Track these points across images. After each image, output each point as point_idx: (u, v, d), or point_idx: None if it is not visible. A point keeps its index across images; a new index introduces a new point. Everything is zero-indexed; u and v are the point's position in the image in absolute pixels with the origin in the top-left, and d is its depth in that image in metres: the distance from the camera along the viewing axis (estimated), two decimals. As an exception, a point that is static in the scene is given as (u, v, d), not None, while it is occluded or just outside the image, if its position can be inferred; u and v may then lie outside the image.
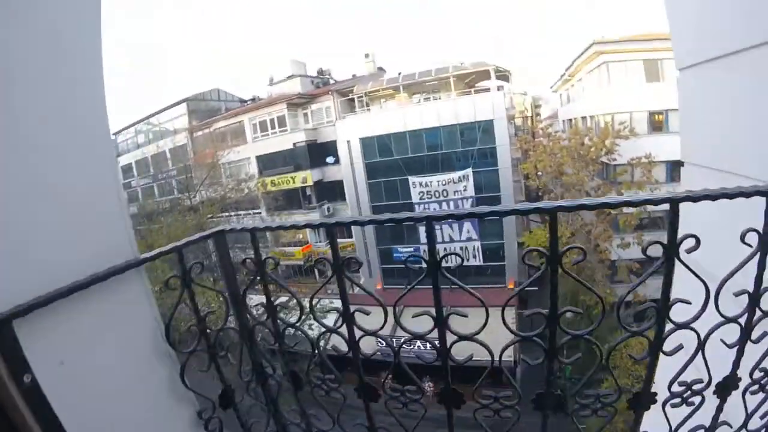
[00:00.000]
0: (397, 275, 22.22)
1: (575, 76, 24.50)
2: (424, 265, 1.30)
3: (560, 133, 20.95)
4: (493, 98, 20.07)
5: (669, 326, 1.05)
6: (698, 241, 0.95)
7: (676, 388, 1.12)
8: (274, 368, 1.69)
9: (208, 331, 1.51)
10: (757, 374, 1.07)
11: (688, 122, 1.72)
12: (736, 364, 1.07)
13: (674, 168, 18.64)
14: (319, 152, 23.24)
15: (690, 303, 1.00)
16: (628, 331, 1.09)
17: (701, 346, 1.05)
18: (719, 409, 1.12)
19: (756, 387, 1.09)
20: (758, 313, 1.00)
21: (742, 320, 1.01)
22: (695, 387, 1.10)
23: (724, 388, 1.09)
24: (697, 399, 1.11)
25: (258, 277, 1.52)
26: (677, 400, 1.12)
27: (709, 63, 1.37)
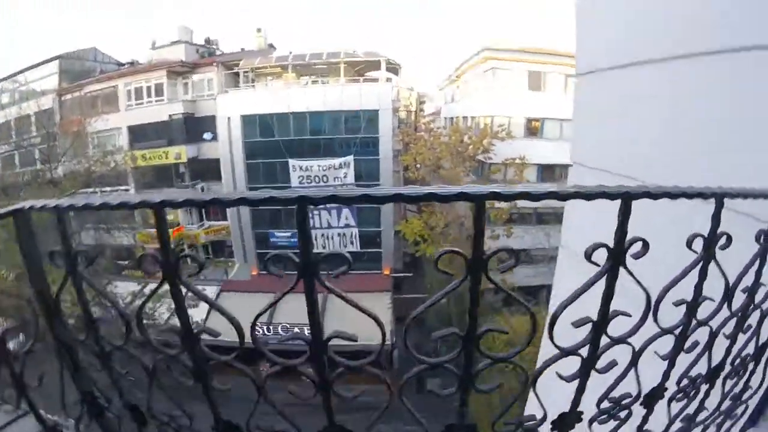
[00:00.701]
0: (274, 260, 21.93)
1: (462, 78, 25.42)
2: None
3: (441, 130, 21.72)
4: (381, 89, 20.41)
5: (604, 341, 0.96)
6: (646, 245, 0.85)
7: (605, 404, 1.05)
8: (109, 399, 1.20)
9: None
10: (684, 382, 1.08)
11: (580, 125, 1.85)
12: (666, 374, 1.05)
13: (545, 170, 20.33)
14: (197, 127, 22.03)
15: (630, 316, 0.91)
16: (561, 349, 0.92)
17: (635, 360, 0.99)
18: (645, 419, 1.10)
19: (681, 395, 1.10)
20: (693, 323, 0.98)
21: (678, 331, 0.98)
22: (624, 402, 1.05)
23: (651, 399, 1.07)
24: (624, 413, 1.07)
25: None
26: (604, 416, 1.07)
27: (604, 72, 1.50)
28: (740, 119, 1.33)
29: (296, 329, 17.71)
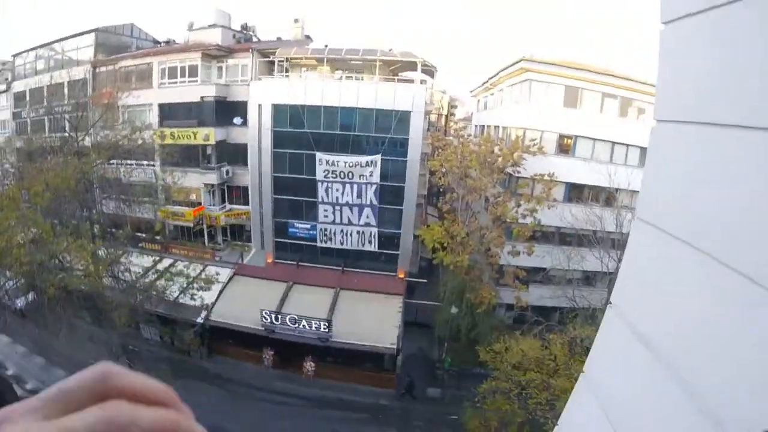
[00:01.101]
0: (290, 250, 22.13)
1: (497, 86, 25.41)
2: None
3: (471, 137, 21.60)
4: (415, 91, 20.25)
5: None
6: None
7: None
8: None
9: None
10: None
11: (650, 177, 1.65)
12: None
13: (573, 189, 20.16)
14: (228, 111, 22.32)
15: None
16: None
17: None
18: None
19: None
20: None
21: None
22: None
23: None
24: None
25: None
26: None
27: (683, 125, 1.40)
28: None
29: (304, 321, 17.84)
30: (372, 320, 18.72)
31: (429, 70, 23.37)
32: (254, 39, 27.74)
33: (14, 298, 21.83)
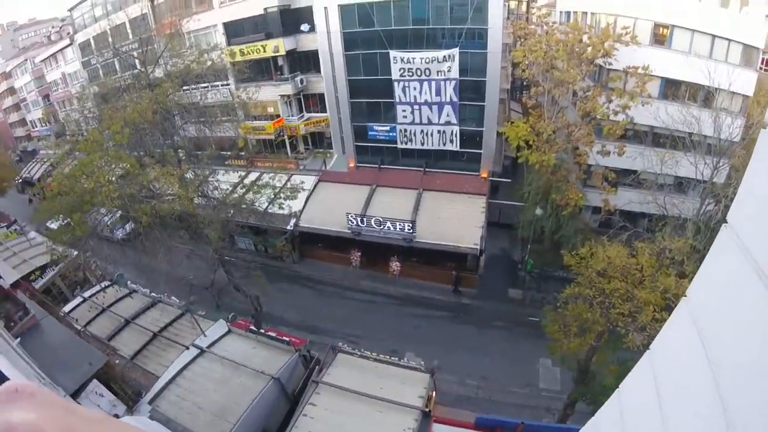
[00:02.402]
0: (371, 153, 22.65)
1: None
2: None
3: (557, 25, 20.08)
4: None
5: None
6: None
7: None
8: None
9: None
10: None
11: (749, 184, 1.52)
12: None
13: (668, 86, 18.65)
14: (293, 19, 22.51)
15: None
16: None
17: None
18: None
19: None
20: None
21: None
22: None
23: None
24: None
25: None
26: None
27: None
28: None
29: (388, 223, 18.42)
30: (455, 221, 19.18)
31: None
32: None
33: (114, 230, 24.31)
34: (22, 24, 69.88)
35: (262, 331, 13.32)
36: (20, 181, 44.84)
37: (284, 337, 12.66)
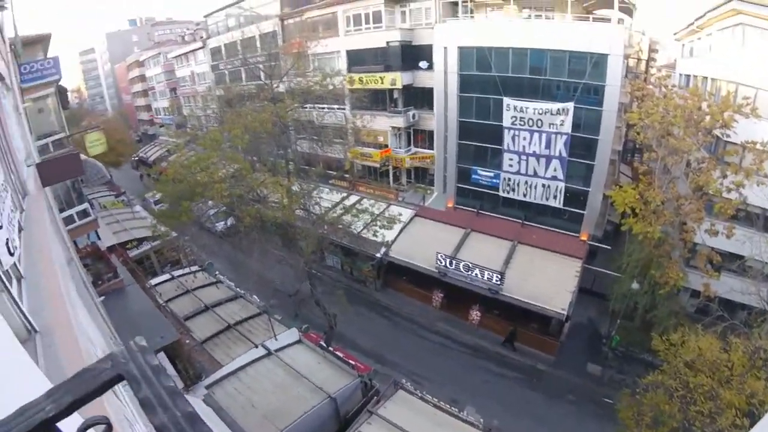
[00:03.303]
0: (471, 196, 23.24)
1: (704, 30, 22.26)
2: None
3: (676, 89, 19.41)
4: (613, 31, 19.14)
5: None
6: None
7: None
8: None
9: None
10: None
11: None
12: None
13: None
14: (413, 55, 24.11)
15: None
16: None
17: None
18: None
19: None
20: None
21: None
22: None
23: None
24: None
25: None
26: None
27: None
28: None
29: (477, 270, 18.75)
30: (546, 280, 19.01)
31: (627, 8, 21.86)
32: (435, -20, 28.42)
33: (215, 223, 27.07)
34: (159, 21, 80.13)
35: (331, 348, 14.02)
36: (136, 159, 50.99)
37: (350, 360, 13.24)
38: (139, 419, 3.35)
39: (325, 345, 14.19)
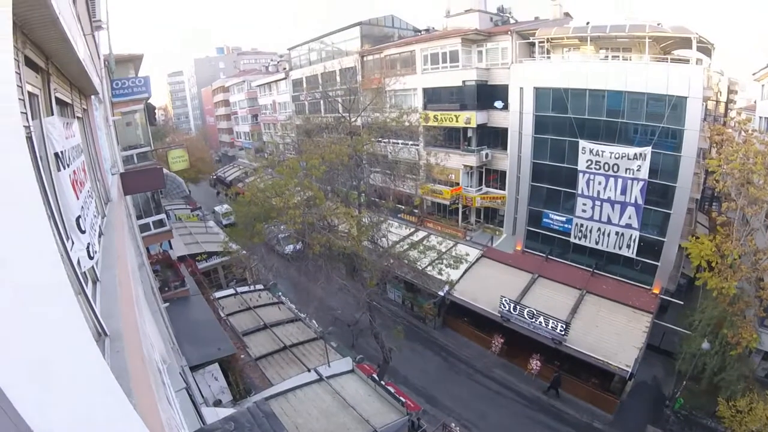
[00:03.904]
0: (541, 241, 23.15)
1: None
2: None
3: (756, 133, 18.38)
4: (691, 72, 18.62)
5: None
6: None
7: None
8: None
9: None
10: None
11: None
12: None
13: None
14: (488, 94, 24.87)
15: None
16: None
17: None
18: None
19: None
20: None
21: None
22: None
23: None
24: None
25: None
26: None
27: None
28: None
29: (541, 318, 18.42)
30: (612, 334, 18.46)
31: (705, 48, 21.22)
32: (511, 21, 29.83)
33: (284, 245, 28.73)
34: (244, 51, 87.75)
35: (383, 382, 14.35)
36: (214, 177, 55.32)
37: (401, 397, 13.38)
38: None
39: (377, 378, 14.54)
